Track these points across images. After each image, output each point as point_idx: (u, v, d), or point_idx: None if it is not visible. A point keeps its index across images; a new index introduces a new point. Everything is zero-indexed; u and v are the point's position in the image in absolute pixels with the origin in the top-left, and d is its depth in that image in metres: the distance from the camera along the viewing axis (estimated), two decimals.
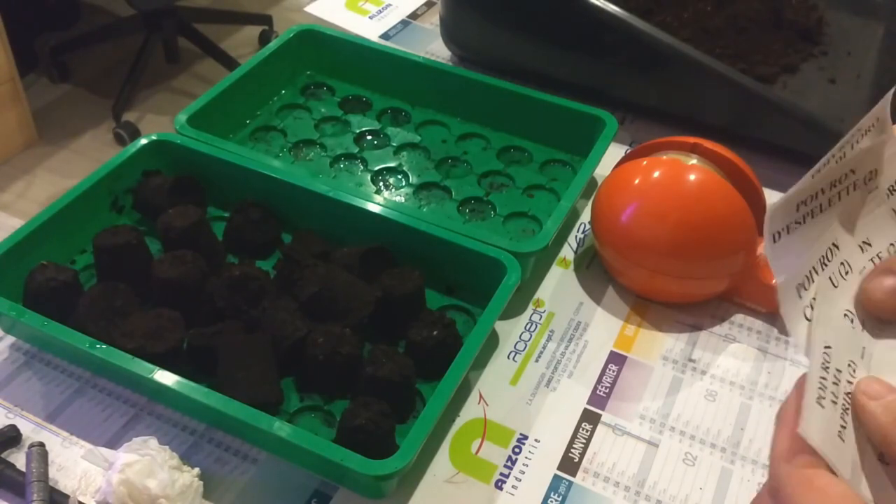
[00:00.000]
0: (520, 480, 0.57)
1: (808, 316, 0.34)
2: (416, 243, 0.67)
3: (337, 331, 0.59)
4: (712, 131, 0.76)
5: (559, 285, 0.70)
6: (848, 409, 0.33)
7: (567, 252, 0.73)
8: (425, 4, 1.05)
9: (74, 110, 2.28)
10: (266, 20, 2.51)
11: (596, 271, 0.72)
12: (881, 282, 0.35)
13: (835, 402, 0.33)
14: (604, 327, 0.67)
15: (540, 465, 0.58)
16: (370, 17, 1.02)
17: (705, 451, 0.59)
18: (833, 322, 0.34)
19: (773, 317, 0.68)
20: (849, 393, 0.33)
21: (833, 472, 0.31)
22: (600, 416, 0.61)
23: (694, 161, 0.67)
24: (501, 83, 0.82)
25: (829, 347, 0.33)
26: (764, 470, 0.58)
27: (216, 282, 0.62)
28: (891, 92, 0.35)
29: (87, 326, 0.59)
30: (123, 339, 0.58)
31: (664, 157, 0.68)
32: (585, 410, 0.61)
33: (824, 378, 0.33)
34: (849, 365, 0.34)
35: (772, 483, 0.33)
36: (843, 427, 0.33)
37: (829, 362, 0.33)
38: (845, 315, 0.35)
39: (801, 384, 0.34)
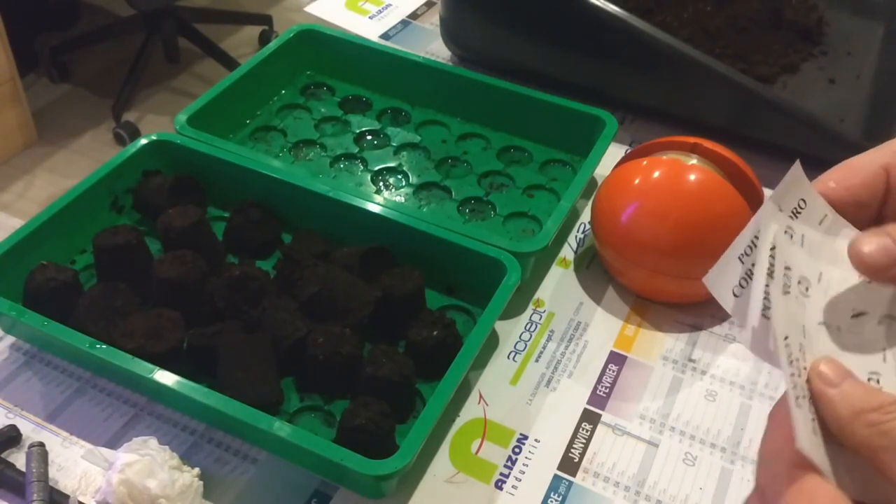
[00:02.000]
0: (520, 480, 0.57)
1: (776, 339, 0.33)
2: (416, 243, 0.67)
3: (337, 331, 0.59)
4: (712, 131, 0.76)
5: (559, 285, 0.70)
6: (811, 398, 0.33)
7: (567, 252, 0.73)
8: (425, 4, 1.05)
9: (74, 110, 2.28)
10: (266, 20, 2.51)
11: (596, 271, 0.72)
12: (870, 239, 0.34)
13: (805, 396, 0.32)
14: (604, 327, 0.67)
15: (540, 465, 0.58)
16: (370, 17, 1.02)
17: (705, 451, 0.59)
18: (784, 310, 0.34)
19: None
20: (808, 380, 0.33)
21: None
22: (600, 416, 0.61)
23: (694, 161, 0.67)
24: (501, 83, 0.82)
25: (787, 338, 0.33)
26: None
27: (216, 282, 0.62)
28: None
29: (87, 326, 0.59)
30: (123, 339, 0.58)
31: (664, 157, 0.68)
32: (585, 410, 0.61)
33: (794, 374, 0.32)
34: (800, 348, 0.33)
35: (759, 483, 0.33)
36: (814, 419, 0.32)
37: (791, 353, 0.33)
38: (787, 292, 0.35)
39: (772, 415, 0.34)
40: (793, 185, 0.36)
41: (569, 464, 0.58)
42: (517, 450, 0.58)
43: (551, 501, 0.56)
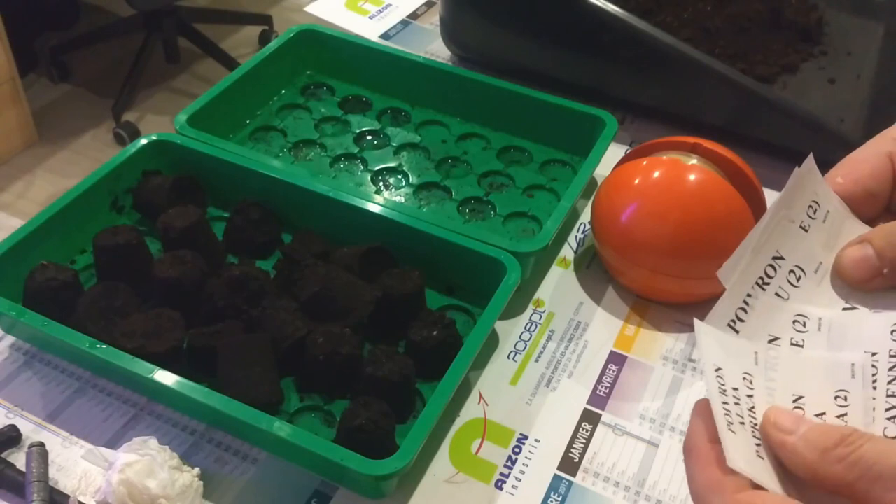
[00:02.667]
0: (520, 480, 0.57)
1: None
2: (416, 243, 0.67)
3: (337, 331, 0.59)
4: (712, 131, 0.76)
5: (559, 285, 0.70)
6: (757, 425, 0.32)
7: (567, 252, 0.73)
8: (425, 4, 1.05)
9: (74, 110, 2.28)
10: (266, 20, 2.51)
11: (596, 271, 0.72)
12: (854, 249, 0.35)
13: (742, 423, 0.32)
14: (604, 327, 0.67)
15: (540, 465, 0.58)
16: (370, 17, 1.02)
17: None
18: (719, 340, 0.34)
19: None
20: (753, 408, 0.32)
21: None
22: (600, 416, 0.61)
23: (694, 161, 0.67)
24: (501, 83, 0.82)
25: (719, 369, 0.33)
26: None
27: (216, 282, 0.62)
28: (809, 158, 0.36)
29: (87, 326, 0.59)
30: (123, 339, 0.58)
31: (664, 157, 0.68)
32: (585, 410, 0.61)
33: (726, 403, 0.32)
34: (744, 378, 0.33)
35: None
36: (758, 444, 0.32)
37: (724, 384, 0.32)
38: (728, 326, 0.35)
39: (699, 412, 0.34)
40: (802, 181, 0.35)
41: (569, 464, 0.58)
42: (517, 450, 0.58)
43: (551, 501, 0.56)
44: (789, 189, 0.35)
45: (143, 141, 0.73)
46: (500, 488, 0.56)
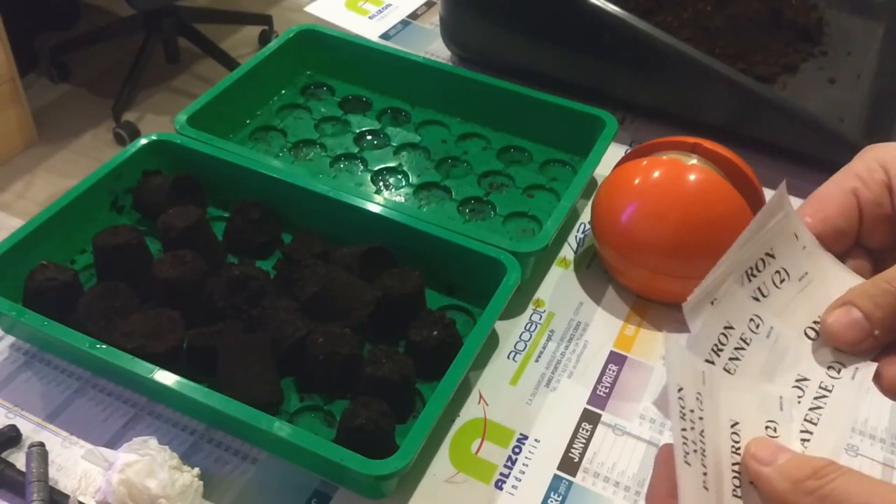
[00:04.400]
0: (520, 480, 0.57)
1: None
2: (416, 243, 0.67)
3: (337, 331, 0.59)
4: (712, 131, 0.76)
5: (559, 285, 0.70)
6: (705, 451, 0.32)
7: (567, 252, 0.73)
8: (425, 4, 1.05)
9: (74, 110, 2.28)
10: (266, 20, 2.51)
11: (596, 271, 0.72)
12: (840, 313, 0.35)
13: (696, 451, 0.32)
14: (604, 327, 0.67)
15: (540, 465, 0.58)
16: (370, 17, 1.02)
17: None
18: (681, 356, 0.33)
19: None
20: (703, 432, 0.32)
21: None
22: (600, 416, 0.61)
23: (694, 161, 0.67)
24: (501, 83, 0.82)
25: (681, 389, 0.32)
26: None
27: (216, 282, 0.62)
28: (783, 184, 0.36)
29: (87, 326, 0.59)
30: (123, 339, 0.58)
31: (664, 157, 0.68)
32: (585, 410, 0.61)
33: (684, 430, 0.32)
34: (696, 398, 0.33)
35: None
36: (706, 474, 0.32)
37: (684, 406, 0.32)
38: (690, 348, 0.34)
39: (661, 458, 0.34)
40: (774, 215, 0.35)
41: (569, 464, 0.58)
42: (517, 450, 0.58)
43: (551, 501, 0.56)
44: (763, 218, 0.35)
45: (143, 141, 0.73)
46: (500, 488, 0.56)
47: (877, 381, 0.35)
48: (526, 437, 0.59)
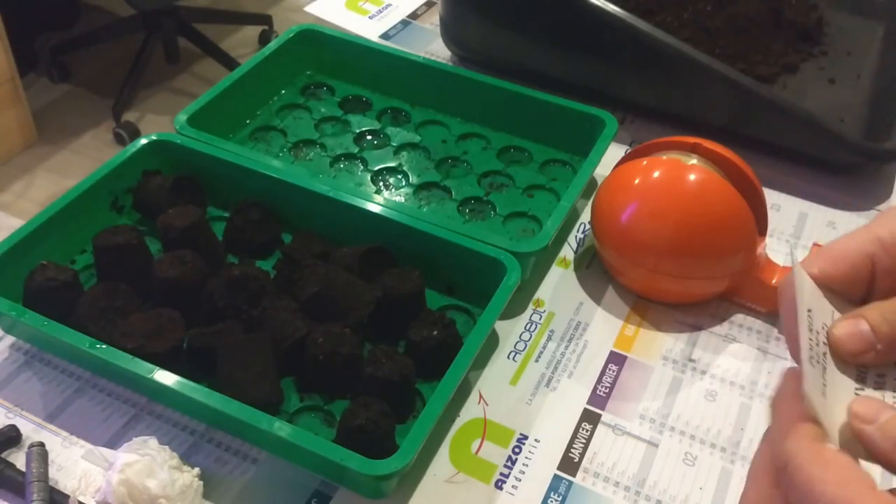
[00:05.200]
0: (520, 480, 0.57)
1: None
2: (416, 243, 0.67)
3: (337, 331, 0.59)
4: (712, 131, 0.76)
5: (559, 285, 0.70)
6: (826, 368, 0.34)
7: (567, 252, 0.73)
8: (425, 4, 1.05)
9: (74, 110, 2.28)
10: (266, 20, 2.51)
11: (596, 271, 0.72)
12: (848, 324, 0.35)
13: (818, 363, 0.33)
14: (604, 327, 0.67)
15: (540, 465, 0.58)
16: (370, 17, 1.02)
17: (705, 451, 0.59)
18: (812, 289, 0.35)
19: (773, 317, 0.68)
20: (825, 354, 0.34)
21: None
22: (600, 416, 0.61)
23: (694, 161, 0.67)
24: (501, 83, 0.82)
25: (810, 310, 0.34)
26: None
27: (216, 282, 0.62)
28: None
29: (87, 326, 0.59)
30: (123, 339, 0.58)
31: (664, 157, 0.68)
32: (585, 410, 0.61)
33: (811, 339, 0.33)
34: (822, 327, 0.35)
35: (779, 459, 0.33)
36: (825, 385, 0.33)
37: (812, 324, 0.34)
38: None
39: (788, 375, 0.35)
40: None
41: (569, 464, 0.58)
42: (517, 450, 0.58)
43: (551, 501, 0.56)
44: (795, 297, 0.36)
45: (143, 141, 0.73)
46: (500, 488, 0.56)
47: None
48: (526, 437, 0.59)
